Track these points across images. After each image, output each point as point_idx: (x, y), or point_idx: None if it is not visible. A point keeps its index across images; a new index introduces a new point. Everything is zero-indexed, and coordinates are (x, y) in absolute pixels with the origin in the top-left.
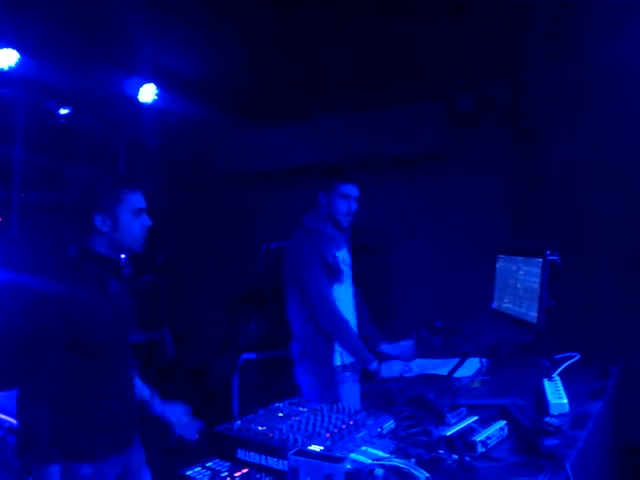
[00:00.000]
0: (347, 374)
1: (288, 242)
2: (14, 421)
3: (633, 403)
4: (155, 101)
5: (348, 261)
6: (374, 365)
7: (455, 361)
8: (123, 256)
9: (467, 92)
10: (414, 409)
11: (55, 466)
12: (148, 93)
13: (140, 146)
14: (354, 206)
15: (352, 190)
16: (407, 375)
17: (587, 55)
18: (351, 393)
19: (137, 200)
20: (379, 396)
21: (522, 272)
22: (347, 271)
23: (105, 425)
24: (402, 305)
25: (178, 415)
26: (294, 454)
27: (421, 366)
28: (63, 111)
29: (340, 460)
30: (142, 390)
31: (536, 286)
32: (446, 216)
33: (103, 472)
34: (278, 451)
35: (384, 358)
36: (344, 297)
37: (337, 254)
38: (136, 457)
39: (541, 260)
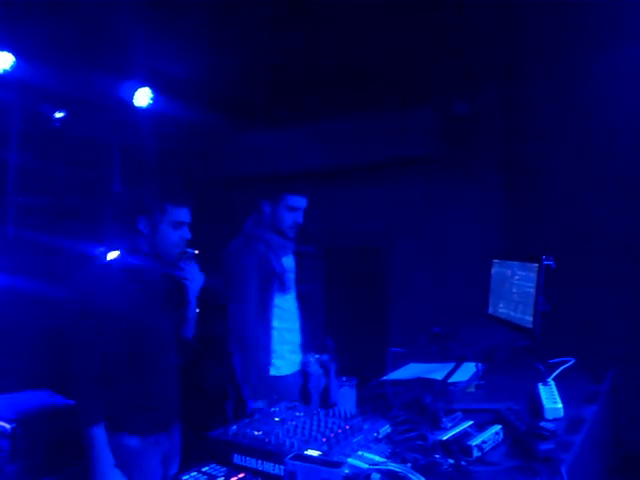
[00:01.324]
0: (343, 379)
1: (227, 249)
2: (8, 425)
3: (628, 408)
4: (150, 105)
5: (292, 267)
6: (256, 404)
7: (450, 366)
8: None
9: (462, 97)
10: (410, 414)
11: (99, 427)
12: (143, 97)
13: (135, 150)
14: (300, 218)
15: (300, 202)
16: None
17: (581, 59)
18: (347, 398)
19: (179, 214)
20: (375, 401)
21: (517, 277)
22: (292, 278)
23: (150, 404)
24: (398, 308)
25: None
26: (292, 459)
27: (417, 370)
28: (58, 115)
29: (338, 465)
30: None
31: (532, 291)
32: (442, 220)
33: (150, 446)
34: (275, 456)
35: None
36: (287, 306)
37: (285, 262)
38: (176, 439)
39: (537, 265)
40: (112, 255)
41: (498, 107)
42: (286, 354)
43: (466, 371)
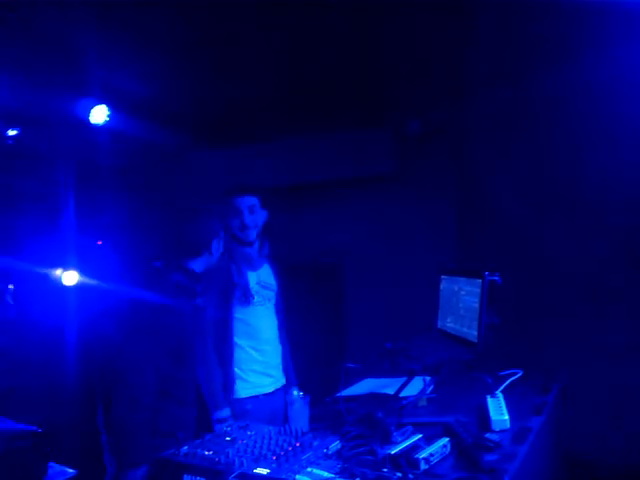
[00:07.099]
0: (296, 395)
1: None
2: None
3: (574, 418)
4: (107, 122)
5: (271, 284)
6: (223, 413)
7: (403, 380)
8: None
9: (416, 116)
10: (361, 429)
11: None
12: (100, 114)
13: (92, 168)
14: (247, 219)
15: (240, 202)
16: None
17: (529, 82)
18: (300, 415)
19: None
20: (328, 417)
21: (464, 292)
22: (266, 294)
23: (167, 431)
24: (354, 324)
25: None
26: (235, 477)
27: (371, 386)
28: (11, 132)
29: None
30: None
31: (476, 306)
32: (396, 237)
33: None
34: (224, 475)
35: None
36: (256, 320)
37: (250, 274)
38: None
39: (481, 280)
40: (69, 276)
41: (450, 126)
42: (249, 374)
43: (418, 385)
